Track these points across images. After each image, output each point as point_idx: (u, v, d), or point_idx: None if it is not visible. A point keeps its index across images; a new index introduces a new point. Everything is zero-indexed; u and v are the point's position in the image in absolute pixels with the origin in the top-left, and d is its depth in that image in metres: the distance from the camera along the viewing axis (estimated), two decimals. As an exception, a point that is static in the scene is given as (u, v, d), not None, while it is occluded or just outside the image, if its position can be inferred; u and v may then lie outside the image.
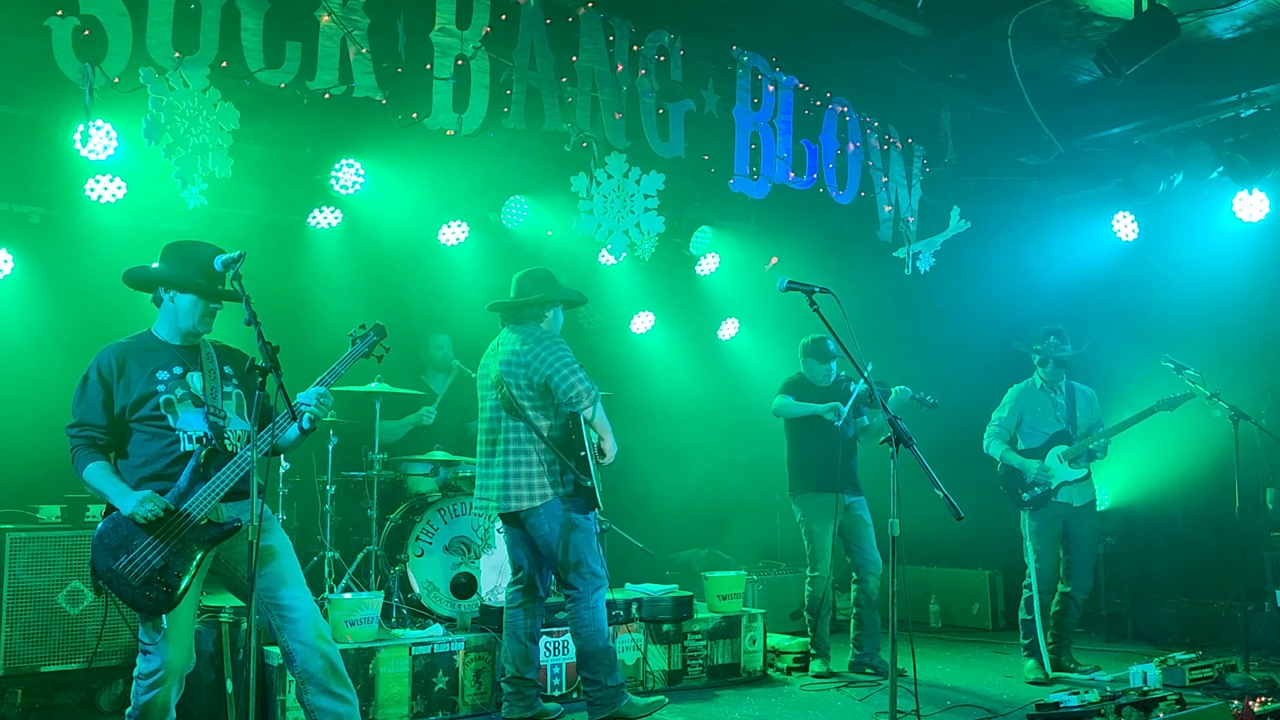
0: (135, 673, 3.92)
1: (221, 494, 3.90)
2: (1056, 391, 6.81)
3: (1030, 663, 6.57)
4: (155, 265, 4.14)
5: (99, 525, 3.89)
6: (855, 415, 6.86)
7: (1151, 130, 7.82)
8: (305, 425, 4.01)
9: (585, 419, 5.24)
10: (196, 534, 3.87)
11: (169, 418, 3.95)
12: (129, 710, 3.93)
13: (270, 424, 3.91)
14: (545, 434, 5.20)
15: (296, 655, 3.99)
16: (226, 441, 4.02)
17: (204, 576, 4.00)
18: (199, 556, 3.88)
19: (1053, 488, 6.61)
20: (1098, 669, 6.68)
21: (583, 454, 5.19)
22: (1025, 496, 6.66)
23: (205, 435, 3.98)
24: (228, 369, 4.16)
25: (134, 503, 3.80)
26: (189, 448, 3.95)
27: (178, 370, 4.03)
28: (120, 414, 3.95)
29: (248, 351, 4.20)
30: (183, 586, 3.84)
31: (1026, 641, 6.62)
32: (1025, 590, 6.68)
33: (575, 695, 5.93)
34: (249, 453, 3.85)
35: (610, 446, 5.35)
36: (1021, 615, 6.68)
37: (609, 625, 5.34)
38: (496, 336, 5.53)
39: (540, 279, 5.52)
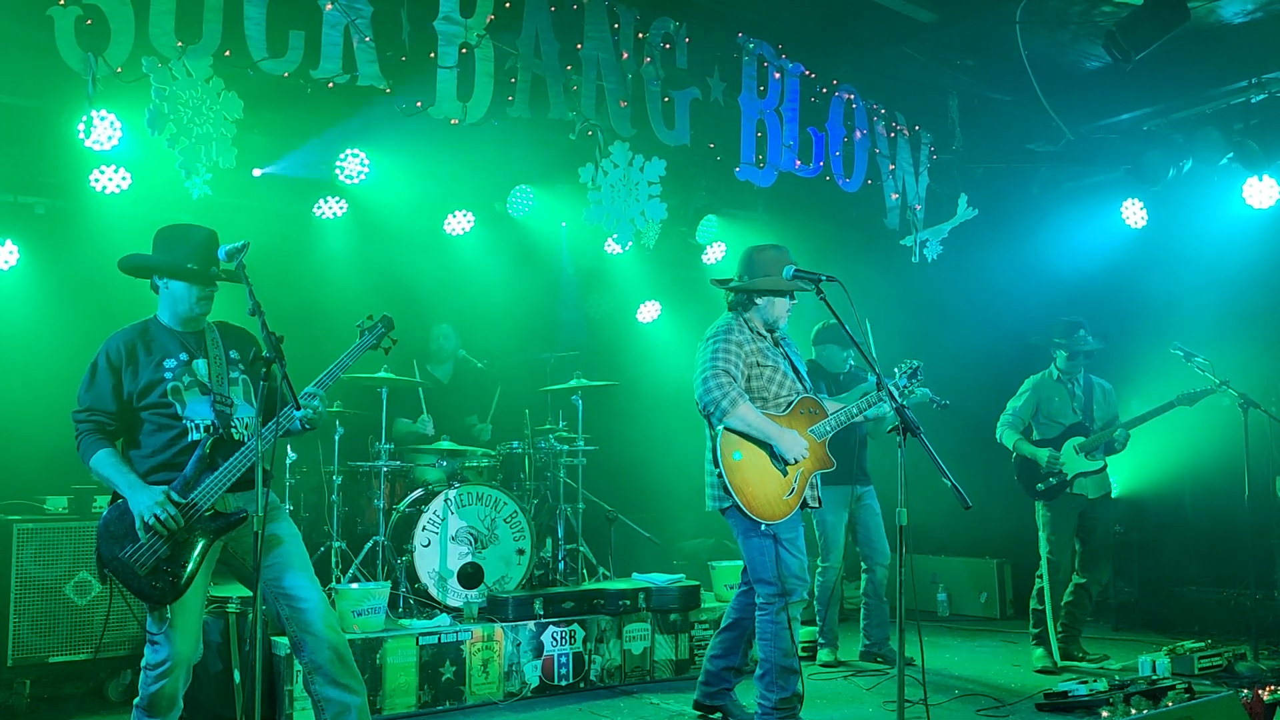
0: (143, 663, 3.92)
1: (228, 484, 3.89)
2: (1074, 383, 6.77)
3: (1039, 651, 6.55)
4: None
5: (104, 513, 3.89)
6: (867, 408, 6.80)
7: (1161, 116, 7.77)
8: (295, 428, 3.98)
9: (729, 428, 4.70)
10: (203, 524, 3.86)
11: (176, 406, 3.94)
12: (137, 700, 3.93)
13: (275, 414, 3.90)
14: (714, 438, 4.82)
15: (305, 645, 3.99)
16: (233, 430, 4.01)
17: (212, 567, 3.99)
18: (205, 546, 3.87)
19: (1068, 479, 6.57)
20: (1106, 658, 6.67)
21: (717, 470, 4.72)
22: (1040, 487, 6.63)
23: (212, 424, 3.97)
24: (233, 353, 4.14)
25: (147, 504, 3.79)
26: (196, 437, 3.94)
27: (184, 357, 4.02)
28: (128, 400, 3.94)
29: (254, 333, 4.19)
30: (188, 576, 3.83)
31: (1036, 630, 6.60)
32: (1038, 580, 6.65)
33: (582, 685, 5.95)
34: (255, 442, 3.84)
35: (784, 451, 4.71)
36: (1033, 605, 6.65)
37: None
38: None
39: (752, 262, 4.94)
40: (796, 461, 4.74)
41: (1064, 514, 6.62)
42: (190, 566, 3.83)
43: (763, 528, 4.72)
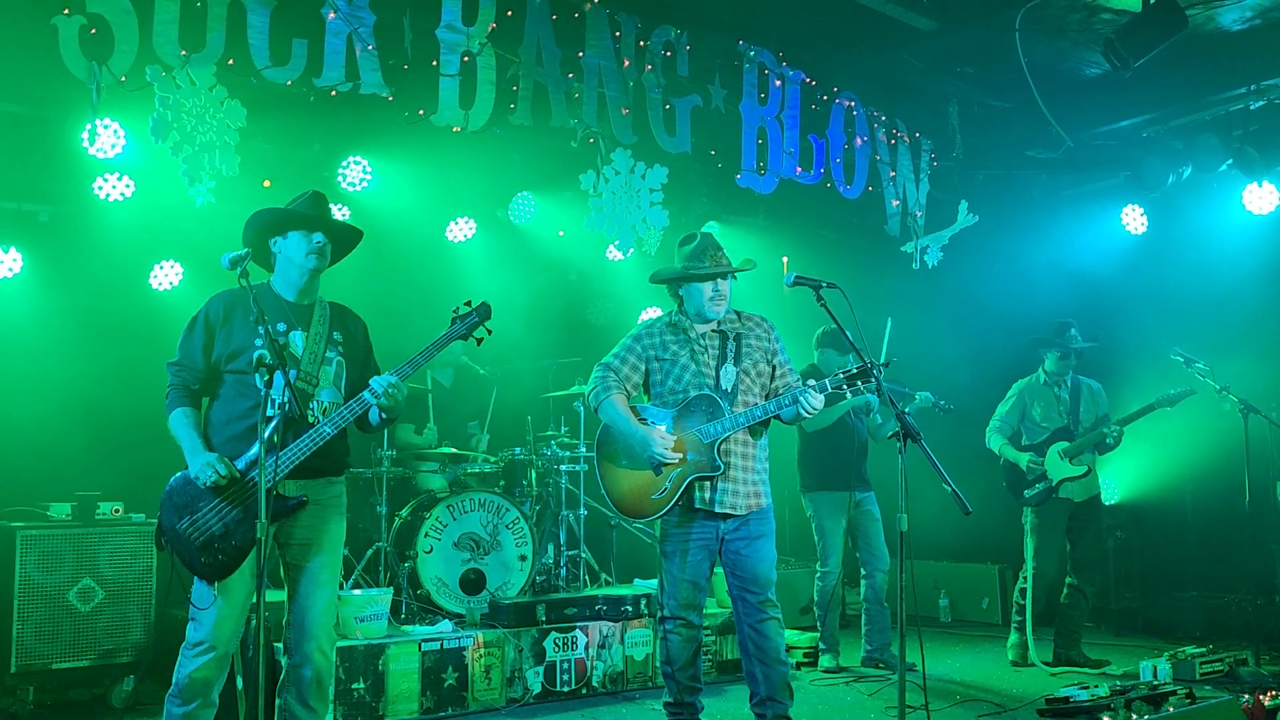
0: (182, 645, 3.84)
1: (290, 466, 3.80)
2: (1061, 386, 6.79)
3: (1014, 638, 6.71)
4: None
5: (170, 481, 3.84)
6: (866, 413, 6.83)
7: (1160, 123, 7.80)
8: (374, 420, 3.97)
9: (603, 421, 4.73)
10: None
11: (257, 376, 3.72)
12: (170, 691, 3.83)
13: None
14: None
15: (295, 654, 3.97)
16: (310, 411, 3.92)
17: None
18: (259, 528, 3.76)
19: (1053, 484, 6.60)
20: (1108, 663, 6.67)
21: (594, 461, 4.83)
22: (1028, 494, 6.67)
23: (287, 401, 3.79)
24: (337, 334, 4.08)
25: (199, 464, 3.76)
26: (270, 413, 3.77)
27: (282, 327, 3.95)
28: (216, 363, 3.91)
29: (361, 314, 4.23)
30: (239, 556, 3.77)
31: (1018, 619, 6.73)
32: (1020, 581, 6.76)
33: (584, 691, 5.95)
34: (327, 428, 3.82)
35: (637, 448, 4.56)
36: (1015, 599, 6.82)
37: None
38: None
39: (675, 251, 4.82)
40: (654, 461, 4.50)
41: (1051, 519, 6.67)
42: (243, 547, 3.76)
43: (678, 535, 4.56)
